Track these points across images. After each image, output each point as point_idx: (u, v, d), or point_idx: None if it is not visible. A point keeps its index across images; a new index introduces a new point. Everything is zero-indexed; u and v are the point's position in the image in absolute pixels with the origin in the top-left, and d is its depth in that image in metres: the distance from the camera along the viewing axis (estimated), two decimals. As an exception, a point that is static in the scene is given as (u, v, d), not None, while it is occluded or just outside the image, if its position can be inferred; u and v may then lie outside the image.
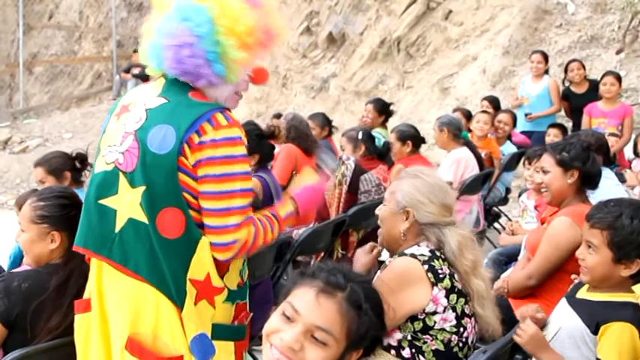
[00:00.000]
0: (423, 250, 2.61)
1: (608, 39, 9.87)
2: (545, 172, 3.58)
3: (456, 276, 2.60)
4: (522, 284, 3.53)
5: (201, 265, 2.31)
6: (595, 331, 2.31)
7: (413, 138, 6.07)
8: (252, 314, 2.57)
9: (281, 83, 13.32)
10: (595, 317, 2.33)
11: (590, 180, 3.54)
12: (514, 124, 7.54)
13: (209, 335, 2.35)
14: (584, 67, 8.25)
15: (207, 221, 2.29)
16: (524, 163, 5.55)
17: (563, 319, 2.41)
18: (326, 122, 7.38)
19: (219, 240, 2.29)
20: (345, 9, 12.69)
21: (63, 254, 2.74)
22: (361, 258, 2.92)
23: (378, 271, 2.74)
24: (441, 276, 2.55)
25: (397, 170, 5.94)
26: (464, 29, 11.36)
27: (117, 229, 2.32)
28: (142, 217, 2.28)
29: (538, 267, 3.49)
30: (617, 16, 9.92)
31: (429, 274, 2.54)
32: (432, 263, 2.56)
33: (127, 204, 2.30)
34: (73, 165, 4.11)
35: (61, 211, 2.74)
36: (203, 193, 2.28)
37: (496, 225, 7.30)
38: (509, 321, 2.81)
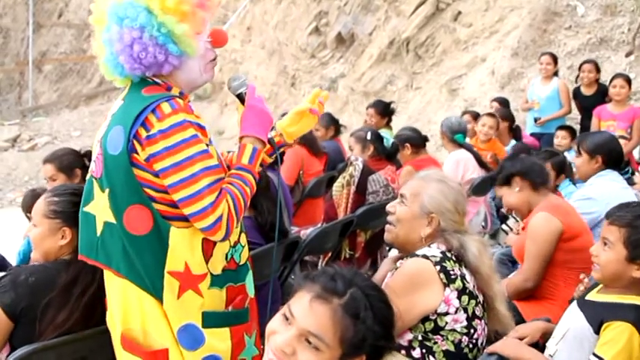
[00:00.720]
0: (434, 251, 2.60)
1: (618, 41, 9.84)
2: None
3: (467, 277, 2.59)
4: (520, 287, 3.57)
5: (177, 256, 2.32)
6: (597, 331, 2.31)
7: (409, 140, 6.02)
8: (249, 297, 2.56)
9: (289, 83, 13.34)
10: (599, 316, 2.33)
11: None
12: (510, 126, 7.52)
13: (198, 324, 2.36)
14: (597, 69, 8.17)
15: (186, 210, 2.29)
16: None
17: (572, 321, 2.42)
18: (331, 122, 7.28)
19: (204, 224, 2.28)
20: (355, 9, 12.69)
21: (71, 251, 2.76)
22: (387, 265, 2.89)
23: (389, 273, 2.73)
24: (452, 277, 2.54)
25: (407, 172, 5.94)
26: (473, 30, 11.35)
27: (98, 233, 2.39)
28: (112, 219, 2.34)
29: (530, 268, 3.55)
30: (627, 18, 9.89)
31: (441, 275, 2.53)
32: (444, 264, 2.55)
33: (101, 208, 2.36)
34: (83, 163, 4.12)
35: (74, 208, 2.75)
36: (170, 186, 2.28)
37: (504, 227, 7.27)
38: (518, 323, 2.82)
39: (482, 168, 6.22)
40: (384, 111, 7.58)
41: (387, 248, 5.76)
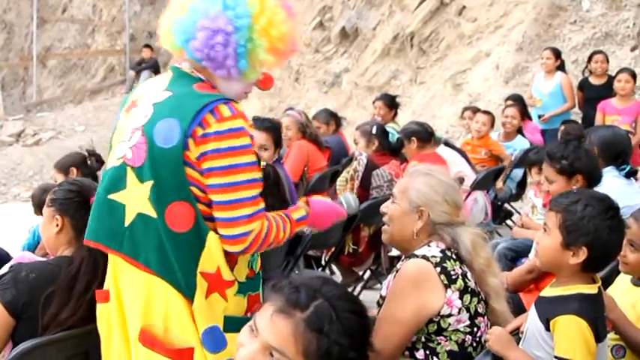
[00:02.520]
0: (434, 250, 2.56)
1: (623, 36, 9.81)
2: (550, 181, 3.57)
3: (468, 275, 2.56)
4: (522, 278, 3.53)
5: (211, 258, 2.30)
6: (548, 327, 2.27)
7: (416, 134, 6.01)
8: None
9: (293, 78, 13.33)
10: (546, 313, 2.29)
11: (592, 178, 3.55)
12: (523, 117, 7.49)
13: (221, 328, 2.34)
14: (607, 60, 8.18)
15: (218, 214, 2.28)
16: (530, 170, 5.56)
17: (530, 320, 2.38)
18: (329, 117, 7.24)
19: (230, 232, 2.27)
20: (359, 4, 12.68)
21: (70, 245, 2.76)
22: None
23: (390, 276, 2.70)
24: (453, 277, 2.50)
25: (413, 167, 5.95)
26: (477, 25, 11.32)
27: (126, 224, 2.32)
28: (151, 212, 2.28)
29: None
30: (632, 12, 9.85)
31: (442, 277, 2.49)
32: (445, 264, 2.51)
33: (136, 199, 2.30)
34: (81, 161, 4.18)
35: (66, 196, 2.78)
36: (210, 187, 2.27)
37: (509, 222, 7.26)
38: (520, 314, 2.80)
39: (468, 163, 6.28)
40: (392, 104, 7.61)
41: (391, 243, 5.77)
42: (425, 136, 6.02)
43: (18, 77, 19.24)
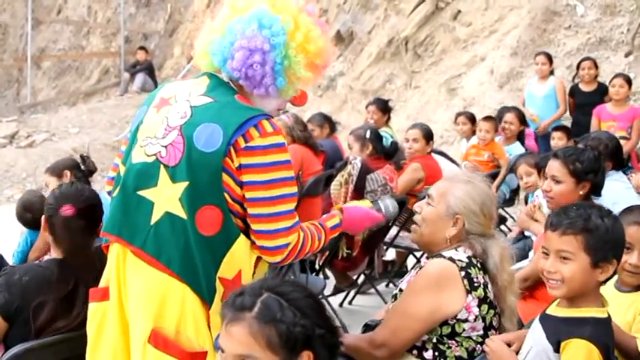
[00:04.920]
0: (461, 255, 2.56)
1: (617, 41, 9.84)
2: (557, 181, 3.53)
3: (489, 286, 2.56)
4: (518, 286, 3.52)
5: (233, 263, 2.32)
6: (557, 349, 2.22)
7: (432, 137, 6.27)
8: None
9: (288, 81, 13.32)
10: (557, 335, 2.24)
11: (597, 189, 3.54)
12: (522, 122, 7.51)
13: None
14: (596, 66, 8.20)
15: (257, 227, 2.31)
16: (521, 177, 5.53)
17: (534, 338, 2.33)
18: (324, 120, 7.24)
19: (270, 244, 2.32)
20: (354, 7, 12.69)
21: (60, 249, 2.76)
22: None
23: (412, 271, 2.70)
24: (475, 284, 2.51)
25: (414, 168, 5.97)
26: (472, 29, 11.34)
27: (152, 222, 2.32)
28: (181, 212, 2.29)
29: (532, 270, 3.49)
30: (626, 18, 9.88)
31: (465, 281, 2.49)
32: (469, 270, 2.52)
33: (166, 198, 2.31)
34: (74, 164, 4.19)
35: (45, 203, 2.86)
36: (252, 200, 2.30)
37: (502, 228, 7.26)
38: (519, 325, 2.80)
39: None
40: (385, 108, 7.62)
41: (385, 248, 5.76)
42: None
43: (12, 78, 19.19)
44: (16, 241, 4.45)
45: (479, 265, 2.56)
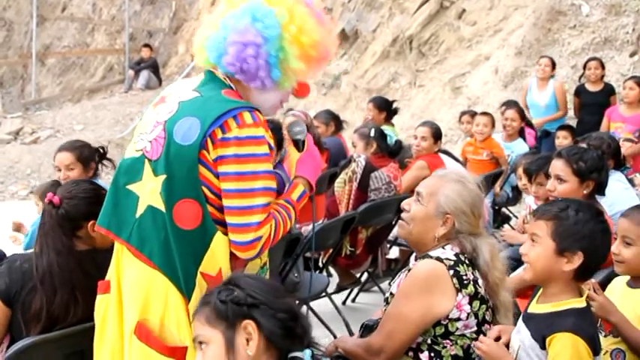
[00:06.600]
0: (449, 253, 2.55)
1: (622, 41, 9.82)
2: (561, 180, 3.54)
3: (480, 282, 2.55)
4: (519, 284, 3.51)
5: (214, 260, 2.32)
6: (543, 346, 2.24)
7: (441, 136, 6.27)
8: None
9: (292, 79, 13.32)
10: (540, 331, 2.26)
11: (601, 188, 3.54)
12: (523, 118, 7.49)
13: None
14: (602, 66, 8.19)
15: (229, 219, 2.31)
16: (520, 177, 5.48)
17: (521, 337, 2.34)
18: (330, 118, 7.23)
19: (240, 239, 2.30)
20: (359, 6, 12.68)
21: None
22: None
23: (402, 273, 2.70)
24: (465, 282, 2.50)
25: (419, 166, 5.96)
26: (477, 29, 11.33)
27: (137, 215, 2.35)
28: (161, 206, 2.31)
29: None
30: (631, 18, 9.87)
31: (454, 280, 2.49)
32: (458, 268, 2.51)
33: (149, 191, 2.34)
34: (98, 156, 4.17)
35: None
36: (225, 191, 2.30)
37: (506, 227, 7.25)
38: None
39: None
40: (382, 106, 7.60)
41: (388, 245, 5.77)
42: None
43: (17, 75, 19.21)
44: (21, 237, 4.48)
45: (467, 261, 2.56)
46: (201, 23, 2.53)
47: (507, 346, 2.42)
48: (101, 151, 4.13)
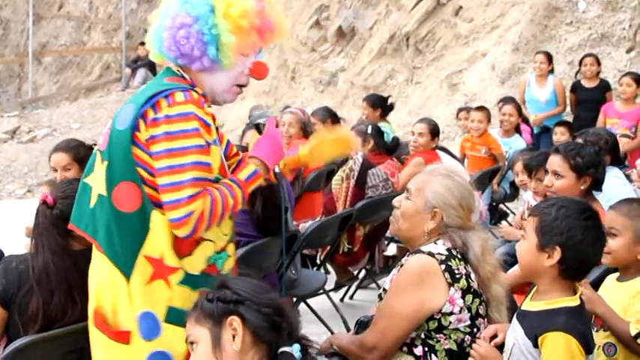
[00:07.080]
0: (440, 248, 2.55)
1: (619, 37, 9.82)
2: (558, 176, 3.55)
3: (472, 276, 2.55)
4: (516, 280, 3.51)
5: (155, 242, 2.32)
6: (536, 344, 2.23)
7: (439, 133, 6.28)
8: None
9: (289, 77, 13.32)
10: (533, 329, 2.26)
11: (598, 184, 3.55)
12: (520, 114, 7.49)
13: (158, 316, 2.34)
14: (598, 62, 8.20)
15: (163, 197, 2.30)
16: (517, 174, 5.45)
17: (515, 336, 2.34)
18: (327, 115, 7.16)
19: (173, 215, 2.27)
20: (355, 3, 12.68)
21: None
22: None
23: (394, 269, 2.70)
24: (457, 276, 2.50)
25: (417, 163, 5.95)
26: (474, 25, 11.34)
27: (91, 205, 2.39)
28: (104, 192, 2.35)
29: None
30: (628, 14, 9.87)
31: (446, 274, 2.49)
32: (449, 263, 2.51)
33: (98, 181, 2.38)
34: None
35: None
36: (158, 170, 2.30)
37: (504, 223, 7.26)
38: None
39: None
40: (376, 103, 7.60)
41: (386, 242, 5.77)
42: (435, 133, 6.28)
43: (13, 74, 19.20)
44: (19, 236, 4.46)
45: (459, 255, 2.56)
46: None
47: (503, 344, 2.42)
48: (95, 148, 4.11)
